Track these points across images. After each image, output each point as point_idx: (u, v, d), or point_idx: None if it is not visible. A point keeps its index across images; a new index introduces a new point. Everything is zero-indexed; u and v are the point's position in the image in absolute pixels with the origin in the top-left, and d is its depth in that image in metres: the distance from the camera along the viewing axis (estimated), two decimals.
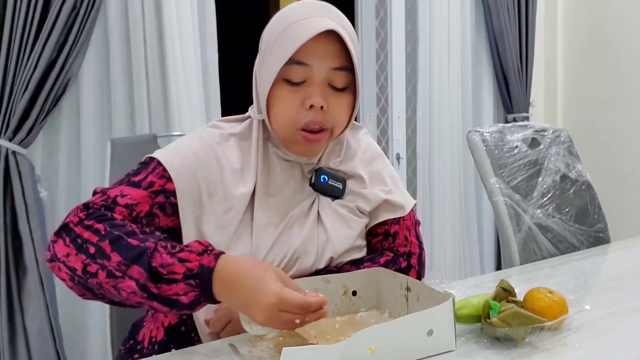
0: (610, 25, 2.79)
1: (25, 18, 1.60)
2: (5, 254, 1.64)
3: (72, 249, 0.81)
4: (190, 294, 0.78)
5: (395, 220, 1.05)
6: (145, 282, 0.78)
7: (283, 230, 0.96)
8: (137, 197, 0.89)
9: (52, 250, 0.83)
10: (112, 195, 0.88)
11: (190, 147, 0.96)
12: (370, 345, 0.73)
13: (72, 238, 0.82)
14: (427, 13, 2.52)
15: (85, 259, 0.80)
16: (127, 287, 0.78)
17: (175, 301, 0.78)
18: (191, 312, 0.81)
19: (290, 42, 0.89)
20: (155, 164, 0.93)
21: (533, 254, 1.53)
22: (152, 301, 0.79)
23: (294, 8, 0.93)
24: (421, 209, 2.57)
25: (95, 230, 0.81)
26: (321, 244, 0.98)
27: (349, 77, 0.93)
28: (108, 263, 0.79)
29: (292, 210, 0.98)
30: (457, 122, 2.63)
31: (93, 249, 0.80)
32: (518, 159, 1.60)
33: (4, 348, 1.63)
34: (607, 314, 0.96)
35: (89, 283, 0.80)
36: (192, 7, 1.92)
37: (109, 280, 0.78)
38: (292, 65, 0.90)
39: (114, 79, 1.80)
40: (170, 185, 0.91)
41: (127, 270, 0.78)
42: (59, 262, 0.82)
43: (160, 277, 0.78)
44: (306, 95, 0.91)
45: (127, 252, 0.79)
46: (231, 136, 0.99)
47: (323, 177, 0.99)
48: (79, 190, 1.79)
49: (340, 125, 0.96)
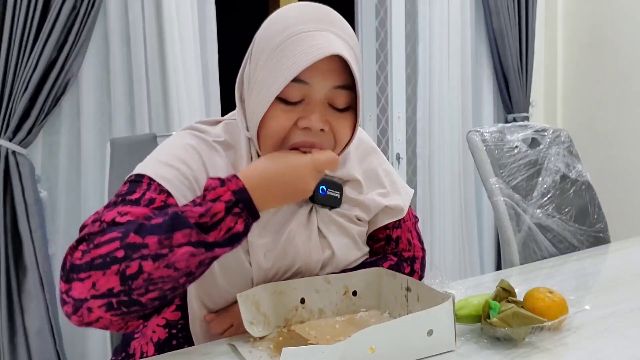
0: (610, 25, 2.79)
1: (25, 18, 1.60)
2: (5, 254, 1.64)
3: (95, 274, 0.71)
4: (240, 221, 0.77)
5: (396, 224, 1.03)
6: (198, 237, 0.73)
7: (285, 246, 0.91)
8: (139, 214, 0.78)
9: (71, 299, 0.72)
10: (108, 219, 0.77)
11: (176, 156, 0.88)
12: (370, 345, 0.73)
13: (89, 266, 0.72)
14: (427, 13, 2.52)
15: (119, 268, 0.71)
16: (182, 255, 0.73)
17: (232, 236, 0.76)
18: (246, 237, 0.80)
19: (289, 63, 0.80)
20: (147, 180, 0.84)
21: (533, 254, 1.53)
22: (213, 250, 0.75)
23: (292, 14, 0.84)
24: (421, 209, 2.57)
25: (109, 240, 0.73)
26: (326, 259, 0.95)
27: (351, 95, 0.86)
28: (147, 250, 0.72)
29: (288, 223, 0.92)
30: (457, 122, 2.63)
31: (121, 252, 0.72)
32: (518, 159, 1.60)
33: (4, 348, 1.63)
34: (607, 314, 0.96)
35: (133, 291, 0.72)
36: (192, 7, 1.92)
37: (158, 263, 0.72)
38: (290, 83, 0.81)
39: (114, 79, 1.80)
40: (172, 200, 0.83)
41: (172, 242, 0.72)
42: (86, 302, 0.72)
43: (206, 225, 0.74)
44: (301, 115, 0.84)
45: (160, 229, 0.73)
46: (217, 144, 0.92)
47: (322, 188, 0.93)
48: (79, 190, 1.79)
49: (341, 145, 0.90)
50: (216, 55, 2.02)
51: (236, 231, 0.77)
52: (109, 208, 0.81)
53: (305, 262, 0.93)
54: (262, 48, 0.84)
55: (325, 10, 0.86)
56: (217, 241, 0.75)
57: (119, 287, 0.72)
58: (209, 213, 0.75)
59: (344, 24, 0.87)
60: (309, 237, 0.93)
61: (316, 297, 0.92)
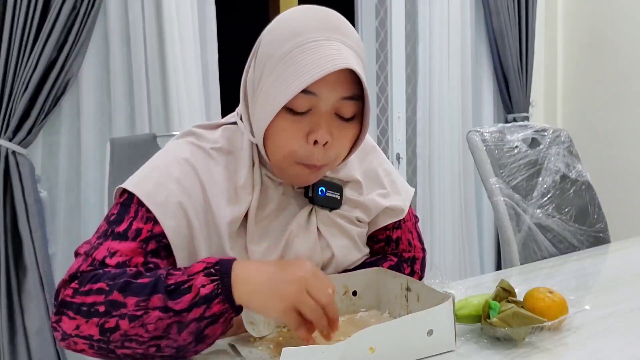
0: (610, 25, 2.79)
1: (25, 18, 1.60)
2: (5, 254, 1.64)
3: (79, 319, 0.75)
4: (208, 286, 0.74)
5: (397, 224, 1.03)
6: (166, 302, 0.73)
7: (285, 248, 0.91)
8: (127, 252, 0.81)
9: (60, 330, 0.77)
10: (99, 257, 0.80)
11: (168, 173, 0.86)
12: (370, 345, 0.73)
13: (76, 309, 0.76)
14: (427, 13, 2.52)
15: (99, 321, 0.74)
16: (153, 318, 0.73)
17: (195, 303, 0.73)
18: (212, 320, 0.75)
19: (299, 72, 0.78)
20: (135, 204, 0.84)
21: (533, 254, 1.53)
22: (179, 319, 0.73)
23: (299, 19, 0.83)
24: (421, 209, 2.57)
25: (97, 290, 0.76)
26: (325, 260, 0.95)
27: (358, 105, 0.85)
28: (126, 310, 0.74)
29: (288, 226, 0.91)
30: (457, 122, 2.63)
31: (103, 307, 0.75)
32: (518, 159, 1.60)
33: (4, 348, 1.63)
34: (607, 314, 0.96)
35: (111, 342, 0.75)
36: (192, 7, 1.92)
37: (134, 323, 0.74)
38: (299, 94, 0.79)
39: (114, 79, 1.80)
40: (158, 228, 0.83)
41: (148, 304, 0.74)
42: (72, 338, 0.76)
43: (178, 290, 0.74)
44: (310, 127, 0.82)
45: (142, 290, 0.75)
46: (214, 151, 0.90)
47: (321, 190, 0.92)
48: (79, 190, 1.79)
49: (339, 159, 0.89)
50: (216, 55, 2.02)
51: (203, 293, 0.73)
52: (99, 240, 0.83)
53: None
54: (269, 53, 0.83)
55: (332, 16, 0.85)
56: (184, 310, 0.74)
57: (98, 336, 0.75)
58: (187, 275, 0.76)
59: (350, 29, 0.86)
60: (309, 239, 0.93)
61: None
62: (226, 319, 0.76)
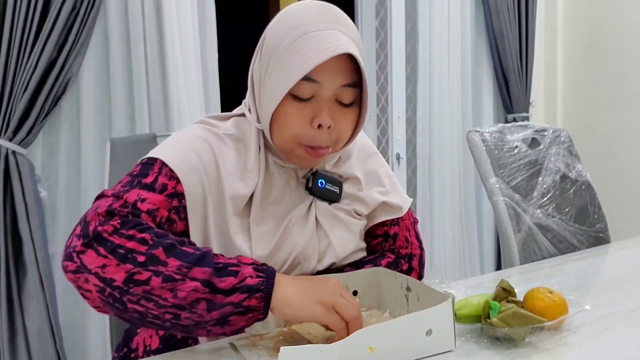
0: (610, 25, 2.79)
1: (25, 18, 1.60)
2: (5, 254, 1.64)
3: (111, 259, 0.75)
4: (255, 279, 0.77)
5: (394, 221, 1.05)
6: (210, 277, 0.75)
7: (283, 234, 0.94)
8: (156, 202, 0.84)
9: (79, 261, 0.75)
10: (130, 200, 0.82)
11: (189, 145, 0.91)
12: (369, 344, 0.73)
13: (111, 248, 0.75)
14: (427, 13, 2.52)
15: (132, 268, 0.74)
16: (188, 287, 0.75)
17: (237, 288, 0.76)
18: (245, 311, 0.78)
19: (303, 59, 0.84)
20: (159, 164, 0.88)
21: (533, 254, 1.53)
22: (213, 297, 0.75)
23: (301, 13, 0.89)
24: (421, 209, 2.57)
25: (140, 239, 0.76)
26: (322, 249, 0.97)
27: (357, 92, 0.91)
28: (164, 268, 0.75)
29: (288, 214, 0.95)
30: (457, 122, 2.63)
31: (143, 257, 0.75)
32: (518, 159, 1.60)
33: (4, 348, 1.63)
34: (607, 314, 0.96)
35: (128, 293, 0.74)
36: (192, 7, 1.92)
37: (166, 284, 0.74)
38: (302, 81, 0.85)
39: (114, 79, 1.80)
40: (180, 187, 0.87)
41: (189, 272, 0.75)
42: (89, 274, 0.74)
43: (225, 270, 0.77)
44: (314, 113, 0.88)
45: (187, 257, 0.76)
46: (226, 137, 0.95)
47: (320, 182, 0.97)
48: (79, 190, 1.79)
49: (343, 141, 0.94)
50: (216, 55, 2.02)
51: (247, 283, 0.77)
52: (125, 187, 0.84)
53: (302, 251, 0.95)
54: (274, 45, 0.88)
55: (332, 9, 0.91)
56: (223, 289, 0.76)
57: (119, 283, 0.74)
58: (235, 262, 0.79)
59: (348, 22, 0.92)
60: (306, 228, 0.96)
61: None
62: (253, 316, 0.79)
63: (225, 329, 0.79)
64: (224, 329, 0.79)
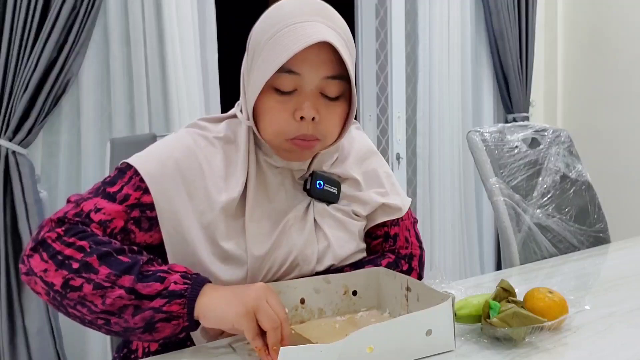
0: (610, 25, 2.79)
1: (25, 18, 1.60)
2: (5, 254, 1.64)
3: (51, 264, 0.79)
4: (179, 285, 0.79)
5: (395, 222, 1.04)
6: (133, 284, 0.78)
7: (280, 235, 0.92)
8: (111, 212, 0.85)
9: (28, 265, 0.81)
10: (85, 209, 0.85)
11: (169, 153, 0.90)
12: (369, 344, 0.73)
13: (51, 254, 0.80)
14: (427, 13, 2.52)
15: (67, 274, 0.78)
16: (115, 294, 0.77)
17: (160, 294, 0.78)
18: (166, 316, 0.78)
19: (280, 50, 0.82)
20: (132, 172, 0.88)
21: (533, 254, 1.53)
22: (139, 303, 0.78)
23: (286, 7, 0.87)
24: (421, 209, 2.57)
25: (78, 247, 0.80)
26: (321, 250, 0.96)
27: (344, 85, 0.88)
28: (95, 276, 0.78)
29: (285, 216, 0.94)
30: (457, 122, 2.63)
31: (77, 264, 0.79)
32: (518, 159, 1.60)
33: (4, 348, 1.63)
34: (607, 314, 0.96)
35: (67, 297, 0.79)
36: (192, 7, 1.92)
37: (96, 291, 0.78)
38: (282, 73, 0.84)
39: (114, 79, 1.80)
40: (147, 198, 0.87)
41: (117, 280, 0.78)
42: (35, 277, 0.80)
43: (152, 277, 0.79)
44: (296, 106, 0.86)
45: (118, 266, 0.79)
46: (216, 140, 0.94)
47: (319, 183, 0.95)
48: (79, 190, 1.79)
49: (332, 135, 0.91)
50: (216, 55, 2.02)
51: (172, 289, 0.78)
52: (91, 194, 0.88)
53: (301, 252, 0.94)
54: (257, 40, 0.88)
55: (316, 3, 0.89)
56: (147, 295, 0.78)
57: (58, 288, 0.79)
58: (163, 270, 0.81)
59: (336, 17, 0.89)
60: (305, 228, 0.95)
61: (316, 297, 0.92)
62: (179, 324, 0.79)
63: (154, 336, 0.80)
64: (152, 335, 0.80)
